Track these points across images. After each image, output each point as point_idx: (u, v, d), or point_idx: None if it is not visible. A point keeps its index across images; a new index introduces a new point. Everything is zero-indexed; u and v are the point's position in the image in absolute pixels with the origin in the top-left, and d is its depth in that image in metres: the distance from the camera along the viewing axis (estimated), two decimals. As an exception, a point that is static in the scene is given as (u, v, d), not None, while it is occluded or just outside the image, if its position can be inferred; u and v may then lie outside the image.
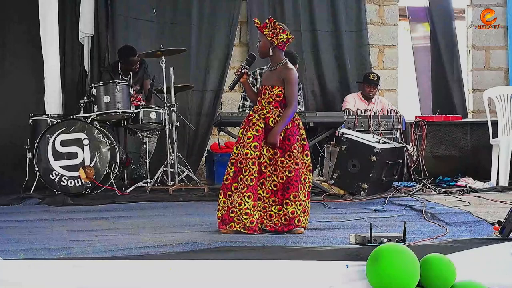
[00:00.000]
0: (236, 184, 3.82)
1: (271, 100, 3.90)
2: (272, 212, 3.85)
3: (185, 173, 6.36)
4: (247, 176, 3.78)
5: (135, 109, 6.32)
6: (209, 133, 7.47)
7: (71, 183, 5.92)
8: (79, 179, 5.91)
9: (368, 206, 5.07)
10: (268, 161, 3.87)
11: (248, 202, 3.76)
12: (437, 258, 2.86)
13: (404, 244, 3.07)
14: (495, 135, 6.63)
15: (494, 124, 6.66)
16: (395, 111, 6.66)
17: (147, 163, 6.39)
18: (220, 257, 2.96)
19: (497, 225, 3.42)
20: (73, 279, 2.75)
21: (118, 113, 6.17)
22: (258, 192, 3.84)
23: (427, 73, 8.23)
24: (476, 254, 3.07)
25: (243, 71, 3.96)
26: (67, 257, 3.04)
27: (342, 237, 3.56)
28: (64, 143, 5.96)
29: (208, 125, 7.38)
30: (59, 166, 5.93)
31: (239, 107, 6.62)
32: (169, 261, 2.89)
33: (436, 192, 5.90)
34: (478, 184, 6.38)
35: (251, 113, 3.96)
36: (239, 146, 3.87)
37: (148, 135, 6.58)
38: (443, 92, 8.09)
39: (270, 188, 3.87)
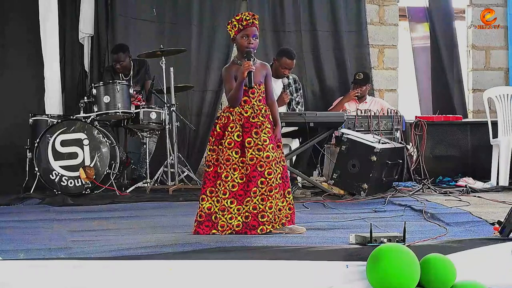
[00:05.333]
0: (255, 188, 3.71)
1: (260, 98, 3.84)
2: (280, 206, 3.79)
3: (185, 173, 6.36)
4: (273, 178, 3.72)
5: (135, 109, 6.33)
6: (209, 133, 7.45)
7: (71, 183, 5.93)
8: (79, 179, 5.92)
9: (368, 206, 5.07)
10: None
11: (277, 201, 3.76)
12: (437, 258, 2.85)
13: (404, 244, 3.06)
14: (495, 135, 6.63)
15: (494, 124, 6.66)
16: (395, 111, 6.66)
17: (147, 163, 6.39)
18: (220, 257, 2.95)
19: (497, 225, 3.41)
20: (73, 279, 2.74)
21: (118, 113, 6.17)
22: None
23: (427, 73, 8.22)
24: (476, 254, 3.06)
25: (253, 69, 3.76)
26: (67, 257, 3.03)
27: (342, 237, 3.55)
28: (64, 143, 5.97)
29: (208, 125, 7.38)
30: (59, 166, 5.94)
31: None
32: (169, 261, 2.88)
33: (436, 192, 5.90)
34: (478, 184, 6.38)
35: (245, 114, 3.82)
36: (252, 151, 3.75)
37: (148, 135, 6.59)
38: (443, 92, 8.08)
39: (277, 182, 3.79)
